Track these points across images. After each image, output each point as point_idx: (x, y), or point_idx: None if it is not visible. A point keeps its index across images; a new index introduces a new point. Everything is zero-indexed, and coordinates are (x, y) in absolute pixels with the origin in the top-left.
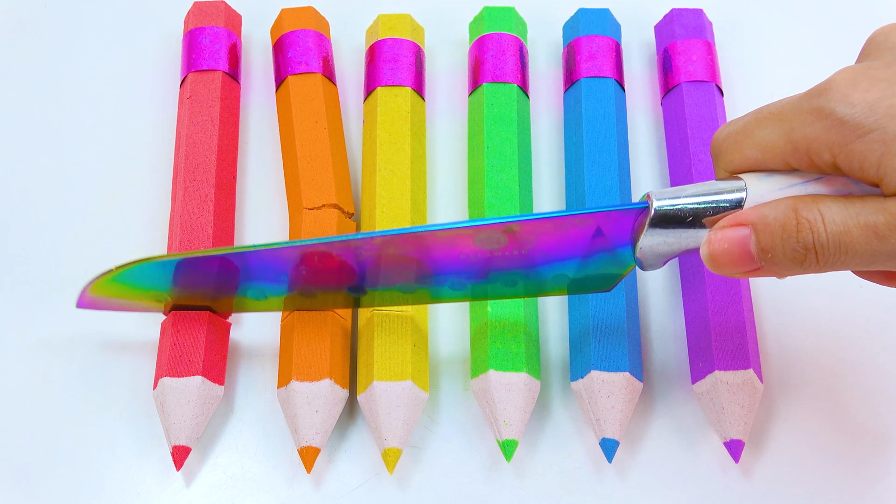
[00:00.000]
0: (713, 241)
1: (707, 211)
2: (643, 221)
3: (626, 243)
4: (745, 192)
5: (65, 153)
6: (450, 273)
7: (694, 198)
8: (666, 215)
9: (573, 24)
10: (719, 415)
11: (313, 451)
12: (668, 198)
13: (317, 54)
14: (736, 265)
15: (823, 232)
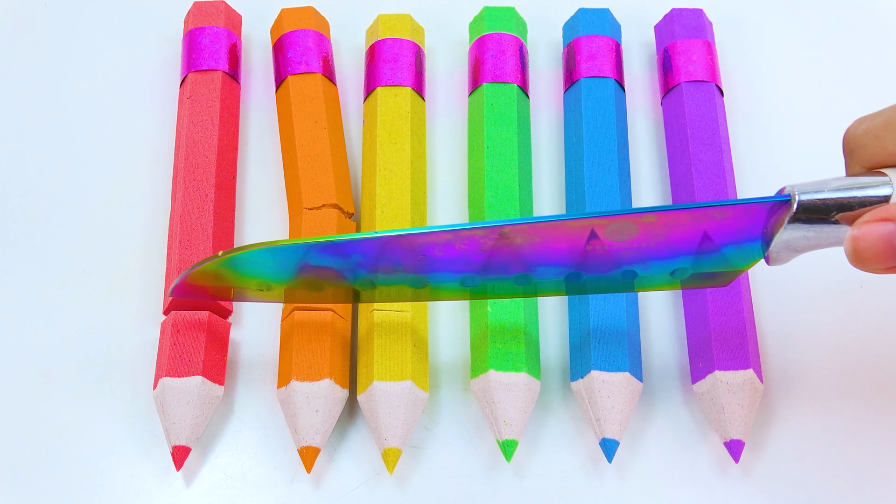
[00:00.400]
0: (858, 236)
1: (852, 204)
2: (782, 215)
3: (756, 238)
4: (890, 186)
5: (64, 153)
6: (569, 265)
7: (838, 192)
8: (809, 208)
9: (573, 24)
10: (719, 415)
11: (313, 450)
12: (812, 191)
13: (317, 54)
14: (881, 261)
15: None
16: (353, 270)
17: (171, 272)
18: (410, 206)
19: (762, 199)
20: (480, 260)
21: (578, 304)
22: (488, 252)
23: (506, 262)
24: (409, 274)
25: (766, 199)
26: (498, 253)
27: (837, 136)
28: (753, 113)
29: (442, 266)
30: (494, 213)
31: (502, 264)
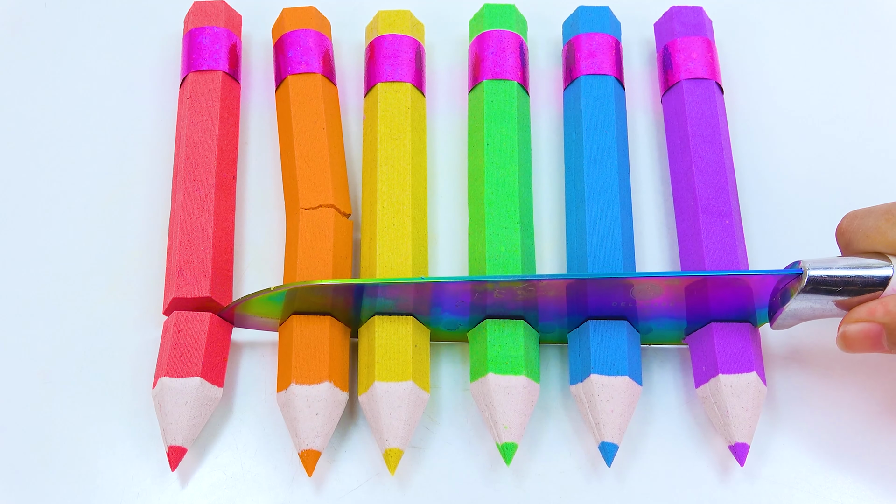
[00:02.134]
0: (849, 332)
1: (857, 282)
2: (793, 286)
3: (764, 304)
4: (891, 268)
5: (64, 153)
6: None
7: (846, 269)
8: (818, 282)
9: (573, 22)
10: (724, 418)
11: (314, 454)
12: (822, 267)
13: (317, 54)
14: (866, 351)
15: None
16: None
17: (171, 272)
18: (411, 201)
19: (776, 271)
20: (513, 307)
21: None
22: (522, 301)
23: (534, 309)
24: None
25: (780, 272)
26: (529, 302)
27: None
28: (753, 110)
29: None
30: (494, 210)
31: (531, 310)
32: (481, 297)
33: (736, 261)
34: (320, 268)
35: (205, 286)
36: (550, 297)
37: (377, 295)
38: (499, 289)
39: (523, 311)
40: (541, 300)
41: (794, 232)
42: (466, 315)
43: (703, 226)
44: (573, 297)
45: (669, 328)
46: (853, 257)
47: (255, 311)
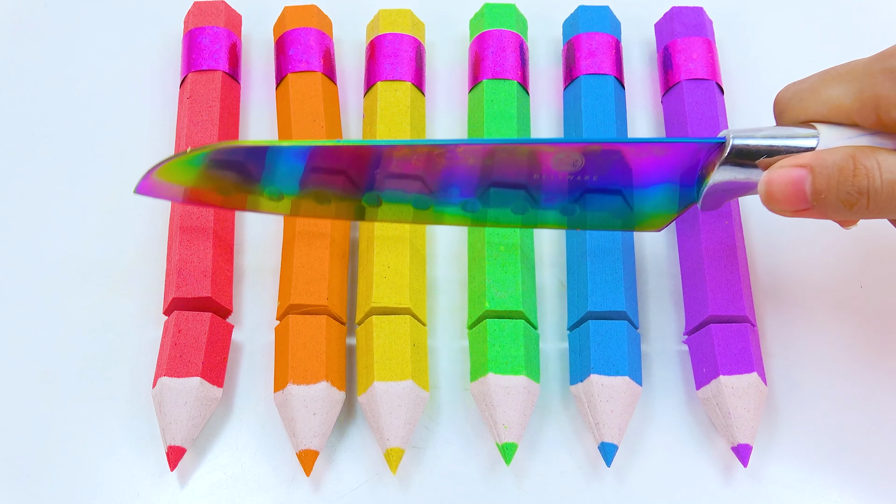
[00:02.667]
0: (771, 178)
1: (781, 151)
2: (717, 158)
3: (692, 180)
4: (817, 138)
5: (65, 153)
6: (514, 191)
7: (769, 139)
8: (741, 152)
9: (573, 22)
10: (726, 419)
11: (312, 454)
12: (745, 136)
13: (318, 53)
14: (790, 202)
15: (879, 179)
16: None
17: (171, 272)
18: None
19: (699, 138)
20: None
21: (578, 306)
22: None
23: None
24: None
25: (704, 140)
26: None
27: None
28: (753, 111)
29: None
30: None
31: (469, 184)
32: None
33: (735, 260)
34: (317, 265)
35: (205, 286)
36: (468, 164)
37: None
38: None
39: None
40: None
41: (794, 230)
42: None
43: (703, 226)
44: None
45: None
46: (778, 127)
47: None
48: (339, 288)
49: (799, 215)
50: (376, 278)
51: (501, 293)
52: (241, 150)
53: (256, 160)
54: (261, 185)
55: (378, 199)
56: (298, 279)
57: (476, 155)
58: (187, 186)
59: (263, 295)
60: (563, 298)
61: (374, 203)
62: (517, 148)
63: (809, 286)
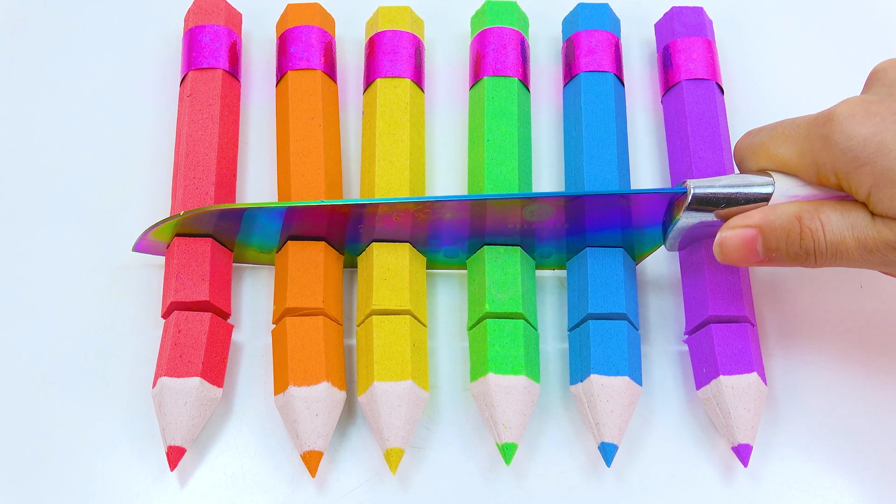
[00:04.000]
0: (725, 237)
1: (739, 199)
2: (680, 204)
3: (657, 224)
4: (773, 186)
5: (65, 151)
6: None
7: (728, 188)
8: (702, 200)
9: (572, 19)
10: (726, 420)
11: (317, 455)
12: (705, 186)
13: (318, 51)
14: (743, 259)
15: (823, 241)
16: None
17: (170, 275)
18: (409, 189)
19: (662, 189)
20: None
21: (578, 307)
22: (423, 224)
23: (438, 234)
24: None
25: (666, 190)
26: (431, 226)
27: None
28: (753, 111)
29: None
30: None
31: (435, 236)
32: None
33: None
34: (312, 268)
35: (203, 289)
36: (447, 219)
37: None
38: (396, 212)
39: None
40: (438, 222)
41: None
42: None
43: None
44: (474, 218)
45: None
46: (737, 175)
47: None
48: (334, 290)
49: (753, 265)
50: (376, 280)
51: (501, 295)
52: (215, 215)
53: (233, 220)
54: (237, 241)
55: (361, 251)
56: (293, 282)
57: (454, 210)
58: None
59: (263, 295)
60: (563, 298)
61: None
62: (491, 203)
63: (809, 286)
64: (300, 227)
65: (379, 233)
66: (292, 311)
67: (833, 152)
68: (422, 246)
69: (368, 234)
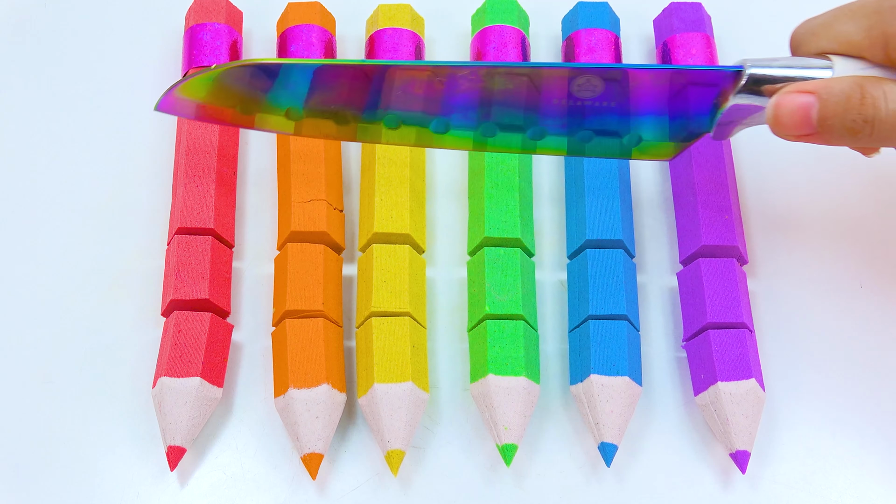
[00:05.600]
0: (779, 103)
1: (796, 80)
2: (731, 87)
3: (707, 107)
4: (831, 69)
5: (65, 151)
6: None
7: (785, 68)
8: (758, 80)
9: (572, 18)
10: (724, 426)
11: (317, 457)
12: (762, 65)
13: (319, 49)
14: (796, 127)
15: (885, 109)
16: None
17: (170, 273)
18: (409, 193)
19: (717, 67)
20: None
21: (578, 307)
22: (470, 94)
23: (486, 107)
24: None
25: (721, 68)
26: (478, 96)
27: None
28: None
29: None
30: (494, 204)
31: (485, 108)
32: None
33: (733, 266)
34: (311, 269)
35: (203, 288)
36: (497, 89)
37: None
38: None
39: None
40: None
41: (793, 228)
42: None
43: (703, 221)
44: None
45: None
46: (794, 57)
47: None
48: (334, 292)
49: (803, 140)
50: (376, 282)
51: (501, 296)
52: (251, 68)
53: (267, 76)
54: (269, 101)
55: (384, 118)
56: (293, 285)
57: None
58: (200, 102)
59: (263, 295)
60: (563, 299)
61: (378, 122)
62: (540, 72)
63: (809, 288)
64: (326, 88)
65: (395, 99)
66: (292, 314)
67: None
68: (434, 112)
69: (386, 99)
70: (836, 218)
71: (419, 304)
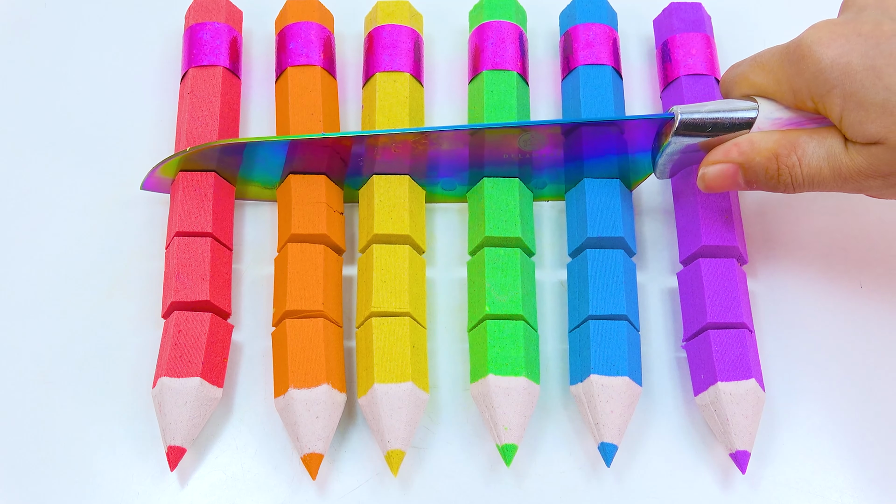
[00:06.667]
0: (706, 174)
1: (724, 123)
2: (668, 130)
3: (646, 151)
4: (756, 110)
5: (65, 151)
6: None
7: (713, 113)
8: (689, 125)
9: (570, 13)
10: (724, 426)
11: (317, 457)
12: (692, 111)
13: (318, 47)
14: (726, 189)
15: (800, 174)
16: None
17: (170, 275)
18: (408, 189)
19: (651, 115)
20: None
21: (578, 307)
22: (422, 156)
23: (436, 166)
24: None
25: (655, 116)
26: (430, 157)
27: None
28: None
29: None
30: (493, 201)
31: (433, 167)
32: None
33: (733, 266)
34: (311, 270)
35: (203, 289)
36: (444, 150)
37: None
38: (395, 144)
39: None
40: (436, 154)
41: (794, 228)
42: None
43: (703, 221)
44: (472, 149)
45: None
46: (722, 101)
47: None
48: (333, 292)
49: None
50: (376, 283)
51: (502, 297)
52: (217, 150)
53: (235, 155)
54: (239, 177)
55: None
56: (293, 285)
57: (451, 141)
58: None
59: (263, 295)
60: (563, 299)
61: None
62: (484, 133)
63: (809, 288)
64: (303, 161)
65: (379, 165)
66: (292, 314)
67: (805, 77)
68: (420, 177)
69: (369, 166)
70: (837, 218)
71: (419, 304)
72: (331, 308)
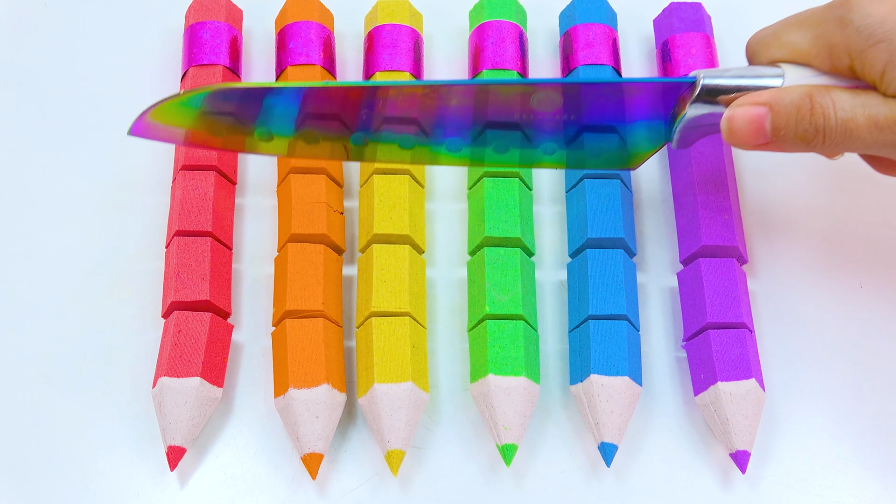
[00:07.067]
0: (733, 116)
1: (748, 89)
2: (688, 96)
3: (664, 118)
4: (782, 77)
5: (64, 151)
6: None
7: (737, 78)
8: (711, 90)
9: (570, 13)
10: (724, 426)
11: (317, 457)
12: (714, 76)
13: (318, 46)
14: (750, 138)
15: (833, 118)
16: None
17: (170, 275)
18: (408, 189)
19: (671, 79)
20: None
21: (578, 307)
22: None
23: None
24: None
25: (675, 80)
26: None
27: None
28: None
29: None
30: (493, 200)
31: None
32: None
33: (733, 266)
34: (311, 270)
35: (203, 289)
36: (453, 105)
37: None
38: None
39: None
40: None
41: (793, 228)
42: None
43: (703, 221)
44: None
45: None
46: (745, 66)
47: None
48: (333, 292)
49: (759, 149)
50: (376, 282)
51: (501, 296)
52: (235, 93)
53: (251, 102)
54: (254, 128)
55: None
56: (293, 285)
57: (460, 96)
58: (186, 129)
59: (263, 295)
60: (563, 299)
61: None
62: (499, 88)
63: (809, 288)
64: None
65: (387, 119)
66: (292, 314)
67: (848, 31)
68: (427, 136)
69: (378, 119)
70: (836, 218)
71: (419, 304)
72: (331, 308)
